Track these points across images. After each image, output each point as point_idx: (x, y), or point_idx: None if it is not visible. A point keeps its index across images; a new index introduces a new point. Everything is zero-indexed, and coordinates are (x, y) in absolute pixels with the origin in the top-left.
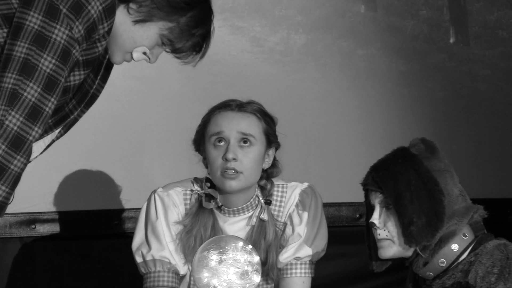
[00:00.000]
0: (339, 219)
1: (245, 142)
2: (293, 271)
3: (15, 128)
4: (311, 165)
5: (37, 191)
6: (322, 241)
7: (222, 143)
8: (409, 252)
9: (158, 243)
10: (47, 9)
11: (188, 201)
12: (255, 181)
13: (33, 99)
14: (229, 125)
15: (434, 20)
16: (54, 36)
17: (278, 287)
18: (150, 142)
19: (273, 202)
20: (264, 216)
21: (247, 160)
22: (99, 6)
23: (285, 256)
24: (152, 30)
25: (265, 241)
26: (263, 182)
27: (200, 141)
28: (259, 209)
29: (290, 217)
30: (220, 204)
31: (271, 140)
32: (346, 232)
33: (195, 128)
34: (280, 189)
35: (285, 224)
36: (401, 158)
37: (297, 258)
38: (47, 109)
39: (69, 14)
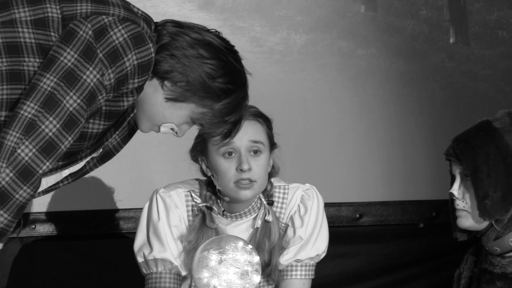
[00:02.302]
0: (339, 219)
1: (255, 152)
2: (294, 272)
3: (26, 158)
4: (311, 165)
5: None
6: (323, 243)
7: (233, 155)
8: (482, 226)
9: (160, 244)
10: (84, 49)
11: (190, 203)
12: (264, 187)
13: (50, 134)
14: (238, 135)
15: (434, 20)
16: (85, 77)
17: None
18: (151, 142)
19: (275, 204)
20: (269, 218)
21: (259, 169)
22: (135, 60)
23: (286, 258)
24: (184, 111)
25: (270, 242)
26: None
27: (203, 151)
28: (262, 210)
29: (292, 219)
30: (222, 210)
31: (272, 143)
32: (346, 232)
33: (195, 128)
34: (281, 190)
35: (286, 225)
36: (482, 131)
37: (298, 260)
38: (62, 146)
39: (104, 60)
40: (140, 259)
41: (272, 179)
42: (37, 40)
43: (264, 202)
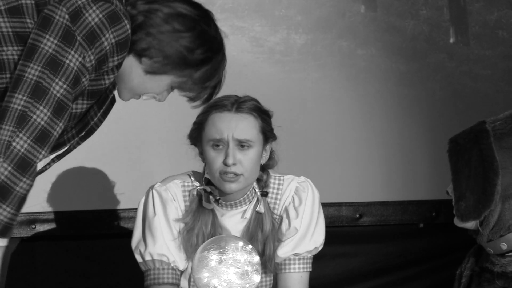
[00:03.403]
0: (339, 219)
1: (242, 146)
2: (292, 266)
3: (22, 150)
4: (311, 165)
5: (37, 191)
6: (320, 236)
7: (221, 147)
8: (468, 224)
9: (155, 240)
10: (63, 34)
11: (186, 193)
12: (254, 180)
13: (42, 122)
14: (227, 129)
15: (434, 20)
16: (68, 61)
17: (277, 281)
18: (151, 142)
19: (269, 194)
20: (261, 209)
21: (247, 162)
22: (112, 39)
23: (283, 251)
24: (164, 82)
25: (262, 233)
26: (259, 174)
27: (197, 139)
28: (255, 201)
29: (286, 210)
30: (217, 197)
31: (268, 136)
32: (346, 232)
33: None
34: (276, 181)
35: (281, 217)
36: (473, 132)
37: (295, 254)
38: (54, 133)
39: (83, 43)
40: (137, 256)
41: (270, 170)
42: (13, 28)
43: (258, 193)
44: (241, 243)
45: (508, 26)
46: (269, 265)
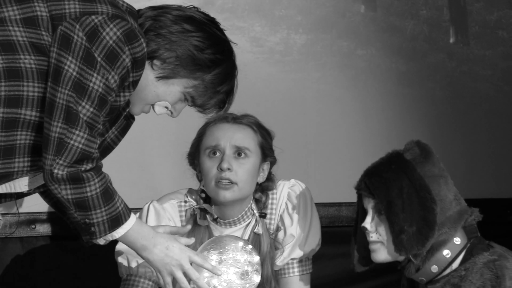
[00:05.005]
0: (339, 219)
1: (239, 154)
2: (291, 270)
3: (62, 172)
4: (311, 165)
5: None
6: (315, 237)
7: (217, 154)
8: (401, 257)
9: None
10: (83, 55)
11: (183, 213)
12: (249, 193)
13: (80, 146)
14: (224, 136)
15: (434, 20)
16: (91, 84)
17: (279, 286)
18: (151, 142)
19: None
20: (259, 230)
21: (242, 171)
22: (129, 56)
23: (280, 259)
24: (176, 87)
25: (260, 254)
26: (258, 195)
27: (195, 154)
28: (253, 222)
29: (281, 218)
30: (215, 216)
31: (266, 153)
32: (346, 232)
33: (196, 128)
34: (270, 197)
35: (277, 228)
36: (394, 164)
37: (293, 259)
38: (94, 152)
39: (104, 64)
40: (122, 260)
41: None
42: (29, 38)
43: (256, 214)
44: (241, 243)
45: (508, 26)
46: (267, 286)
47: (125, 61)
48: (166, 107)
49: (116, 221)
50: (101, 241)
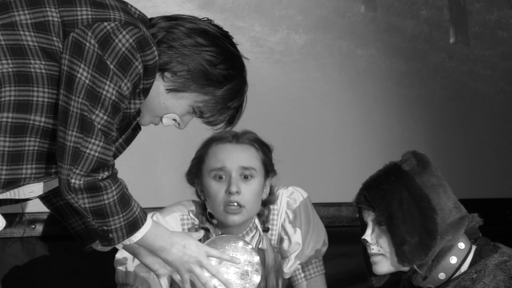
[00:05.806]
0: (339, 219)
1: (246, 177)
2: (302, 274)
3: (82, 186)
4: (311, 165)
5: None
6: (320, 238)
7: (224, 178)
8: (405, 268)
9: None
10: (96, 63)
11: (185, 227)
12: (255, 213)
13: (96, 154)
14: (229, 159)
15: (434, 20)
16: (104, 92)
17: None
18: (154, 142)
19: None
20: (263, 246)
21: (249, 194)
22: (141, 63)
23: (288, 266)
24: (186, 100)
25: (265, 269)
26: (260, 209)
27: (197, 174)
28: (257, 237)
29: (283, 228)
30: (220, 233)
31: (269, 170)
32: (346, 232)
33: (198, 129)
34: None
35: (280, 239)
36: (393, 176)
37: (300, 264)
38: (110, 159)
39: (117, 71)
40: (120, 267)
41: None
42: (39, 43)
43: (260, 229)
44: (241, 243)
45: (508, 26)
46: None
47: (138, 68)
48: (174, 120)
49: (134, 225)
50: (119, 246)
